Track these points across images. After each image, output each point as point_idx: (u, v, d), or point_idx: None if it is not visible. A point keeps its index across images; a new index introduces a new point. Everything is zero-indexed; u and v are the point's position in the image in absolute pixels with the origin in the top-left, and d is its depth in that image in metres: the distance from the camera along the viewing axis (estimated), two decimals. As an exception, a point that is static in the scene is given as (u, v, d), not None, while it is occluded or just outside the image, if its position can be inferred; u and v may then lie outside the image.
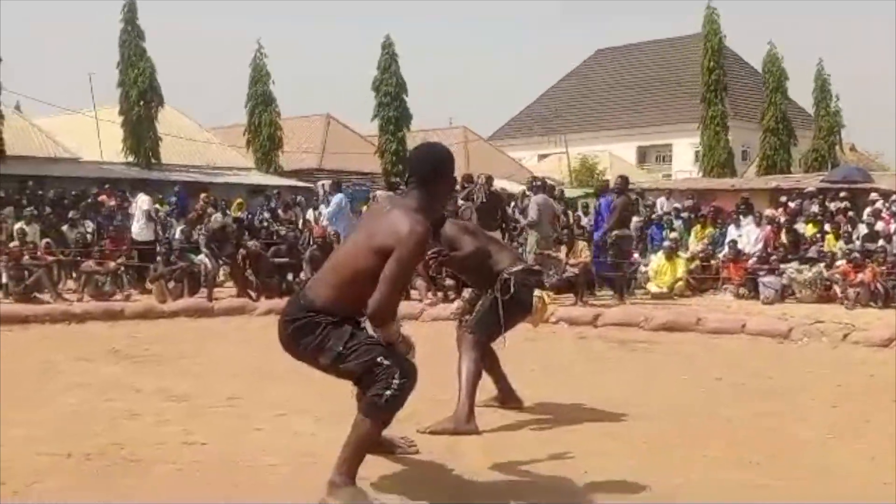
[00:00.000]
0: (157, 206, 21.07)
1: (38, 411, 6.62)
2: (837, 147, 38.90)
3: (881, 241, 16.34)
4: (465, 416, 6.00)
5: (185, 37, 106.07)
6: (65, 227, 17.88)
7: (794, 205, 20.76)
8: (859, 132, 79.75)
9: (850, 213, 19.20)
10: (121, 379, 8.16)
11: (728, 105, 39.21)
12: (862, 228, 17.60)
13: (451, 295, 13.92)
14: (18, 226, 16.42)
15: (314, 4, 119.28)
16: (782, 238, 17.29)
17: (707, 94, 37.74)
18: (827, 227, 17.86)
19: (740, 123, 46.04)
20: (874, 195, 21.02)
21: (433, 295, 14.09)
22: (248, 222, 20.44)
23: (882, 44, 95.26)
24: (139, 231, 17.09)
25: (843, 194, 21.98)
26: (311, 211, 21.77)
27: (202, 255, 15.50)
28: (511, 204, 19.27)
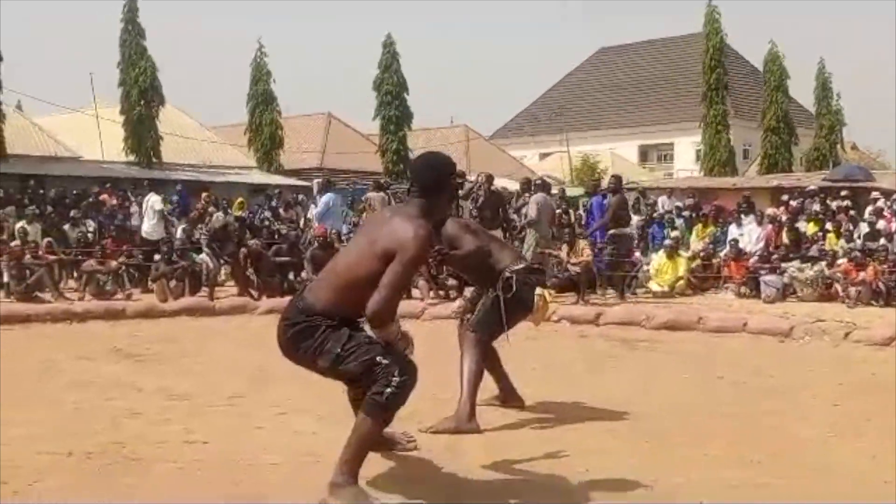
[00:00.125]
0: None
1: (39, 410, 6.63)
2: (839, 146, 38.92)
3: (882, 240, 16.33)
4: (466, 416, 6.00)
5: (186, 36, 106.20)
6: (66, 227, 17.91)
7: (795, 203, 20.74)
8: (860, 131, 79.76)
9: (852, 212, 19.18)
10: (122, 378, 8.16)
11: (729, 104, 39.24)
12: (863, 227, 17.60)
13: (452, 294, 13.92)
14: (20, 225, 16.43)
15: (315, 3, 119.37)
16: (783, 237, 17.28)
17: (708, 93, 37.77)
18: (828, 226, 17.83)
19: (742, 122, 46.05)
20: (875, 194, 21.04)
21: (434, 294, 14.09)
22: (250, 221, 20.46)
23: (883, 42, 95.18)
24: (150, 230, 17.14)
25: (845, 193, 21.95)
26: (312, 209, 21.76)
27: (203, 255, 15.50)
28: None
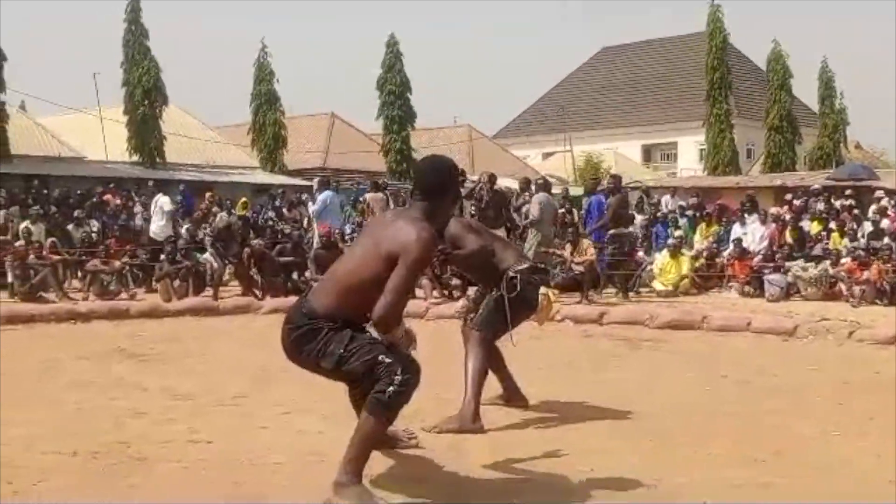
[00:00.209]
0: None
1: (43, 410, 6.64)
2: (842, 144, 38.86)
3: (886, 239, 16.33)
4: (470, 416, 6.00)
5: (189, 36, 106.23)
6: (70, 227, 17.96)
7: (799, 202, 20.73)
8: (864, 130, 79.65)
9: (856, 211, 19.16)
10: (126, 378, 8.18)
11: (733, 103, 39.21)
12: (867, 226, 17.59)
13: (456, 293, 13.92)
14: (24, 225, 16.46)
15: (318, 3, 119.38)
16: (787, 236, 17.27)
17: (711, 92, 37.74)
18: (832, 225, 17.83)
19: (745, 121, 45.97)
20: (879, 192, 20.98)
21: (438, 293, 14.09)
22: (253, 221, 20.49)
23: (887, 41, 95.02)
24: (159, 231, 17.19)
25: (849, 192, 21.93)
26: (310, 206, 21.75)
27: (207, 254, 15.52)
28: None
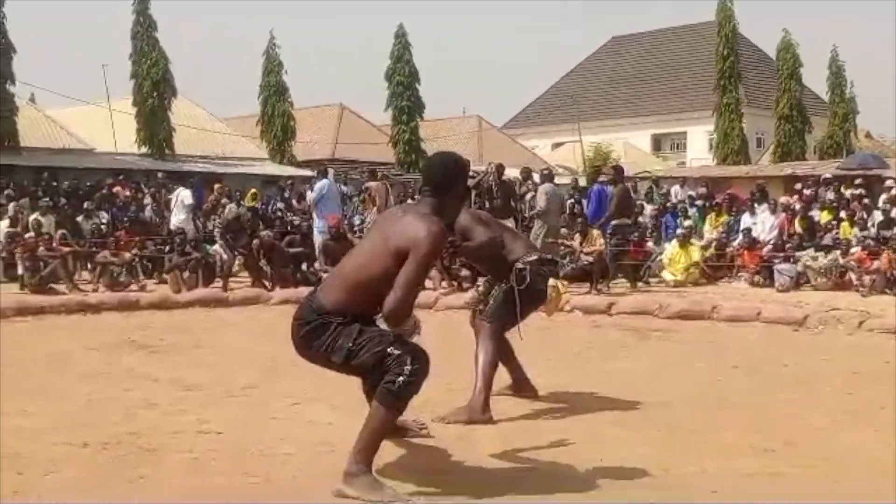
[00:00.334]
0: (172, 196, 21.15)
1: (54, 401, 6.66)
2: (852, 134, 38.73)
3: (896, 228, 16.26)
4: (480, 407, 6.00)
5: (198, 27, 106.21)
6: (80, 218, 18.00)
7: (809, 192, 20.66)
8: (874, 119, 79.35)
9: (866, 200, 19.07)
10: (136, 369, 8.20)
11: (742, 92, 39.08)
12: (877, 215, 17.51)
13: (465, 284, 13.92)
14: (34, 217, 16.49)
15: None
16: (796, 226, 17.23)
17: (721, 82, 37.64)
18: (842, 214, 17.77)
19: (755, 111, 45.86)
20: (889, 182, 20.87)
21: (447, 284, 14.09)
22: (263, 212, 20.50)
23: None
24: (179, 224, 17.28)
25: (859, 181, 21.84)
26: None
27: (217, 246, 15.54)
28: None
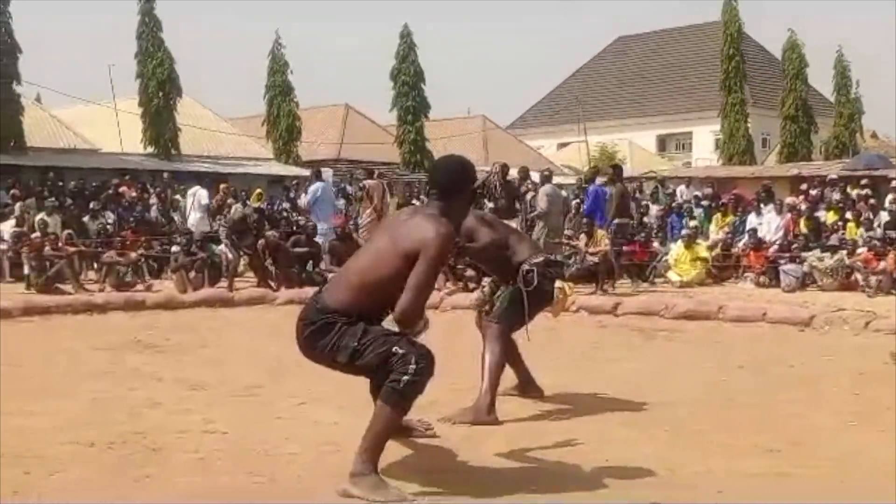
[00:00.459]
0: (178, 196, 21.21)
1: (60, 401, 6.67)
2: (858, 134, 38.67)
3: (902, 229, 16.24)
4: (485, 408, 6.00)
5: (204, 27, 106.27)
6: (86, 218, 18.02)
7: (814, 192, 20.65)
8: (880, 119, 79.19)
9: (872, 201, 19.07)
10: (142, 368, 8.21)
11: (748, 92, 39.06)
12: (883, 216, 17.49)
13: (470, 284, 13.91)
14: (40, 217, 16.52)
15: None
16: (802, 226, 17.21)
17: (727, 82, 37.61)
18: (848, 215, 17.75)
19: (760, 111, 45.80)
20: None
21: (453, 284, 14.09)
22: (268, 213, 20.51)
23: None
24: (195, 223, 17.34)
25: (865, 181, 21.82)
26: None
27: (222, 246, 15.56)
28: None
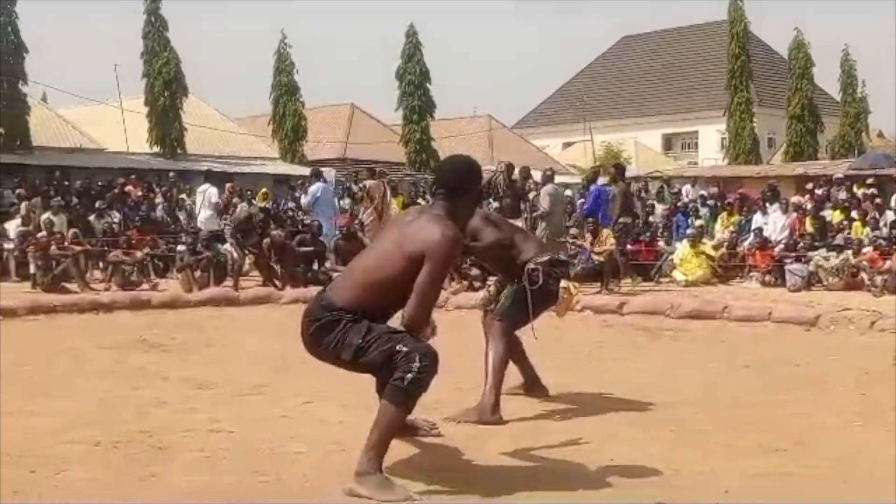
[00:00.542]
0: (183, 195, 21.25)
1: (66, 400, 6.68)
2: (864, 133, 38.66)
3: (909, 228, 16.22)
4: (490, 407, 5.99)
5: (210, 26, 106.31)
6: (92, 218, 18.06)
7: (820, 192, 20.63)
8: (887, 118, 78.98)
9: (878, 200, 19.04)
10: (147, 367, 8.22)
11: (754, 92, 39.03)
12: (889, 215, 17.49)
13: (475, 283, 13.91)
14: (46, 216, 16.54)
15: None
16: (808, 225, 17.19)
17: (732, 81, 37.63)
18: (854, 214, 17.73)
19: (766, 110, 45.76)
20: (902, 182, 20.88)
21: (458, 283, 14.09)
22: (274, 212, 20.54)
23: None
24: (205, 221, 17.37)
25: (871, 181, 21.80)
26: (335, 201, 21.84)
27: (228, 245, 15.57)
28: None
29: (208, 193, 17.96)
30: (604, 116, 56.69)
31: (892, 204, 18.53)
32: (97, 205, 18.70)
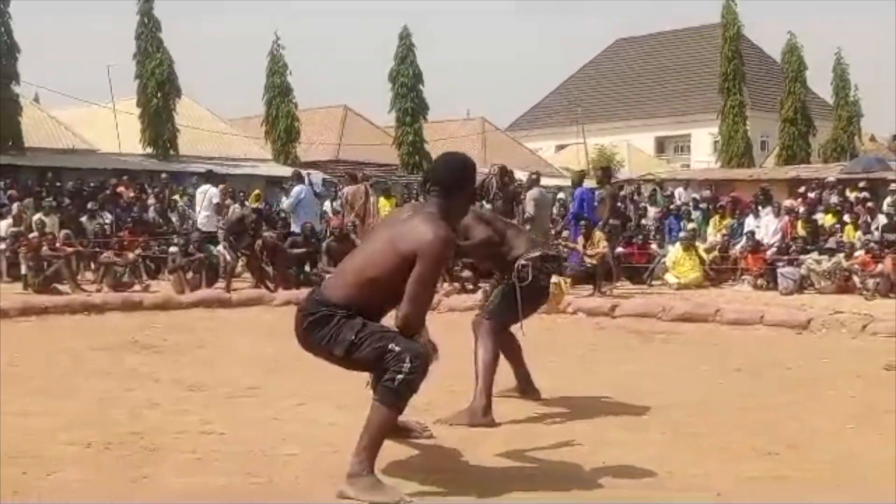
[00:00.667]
0: (176, 197, 21.22)
1: (58, 401, 6.66)
2: (857, 137, 38.74)
3: (900, 231, 16.25)
4: (481, 410, 5.97)
5: (203, 27, 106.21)
6: (83, 219, 18.02)
7: (813, 195, 20.67)
8: (879, 122, 79.24)
9: (870, 204, 19.09)
10: (139, 369, 8.20)
11: (747, 95, 39.10)
12: (881, 219, 17.52)
13: (468, 286, 13.92)
14: (37, 217, 16.52)
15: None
16: (800, 229, 17.22)
17: (725, 84, 37.68)
18: (846, 218, 17.77)
19: (759, 113, 45.85)
20: (894, 185, 20.89)
21: (450, 285, 14.09)
22: (266, 213, 20.51)
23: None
24: (205, 221, 17.33)
25: (863, 184, 21.86)
26: (328, 202, 21.83)
27: (220, 247, 15.55)
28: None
29: (209, 194, 17.92)
30: (597, 119, 56.78)
31: (884, 207, 18.57)
32: (89, 206, 18.67)
